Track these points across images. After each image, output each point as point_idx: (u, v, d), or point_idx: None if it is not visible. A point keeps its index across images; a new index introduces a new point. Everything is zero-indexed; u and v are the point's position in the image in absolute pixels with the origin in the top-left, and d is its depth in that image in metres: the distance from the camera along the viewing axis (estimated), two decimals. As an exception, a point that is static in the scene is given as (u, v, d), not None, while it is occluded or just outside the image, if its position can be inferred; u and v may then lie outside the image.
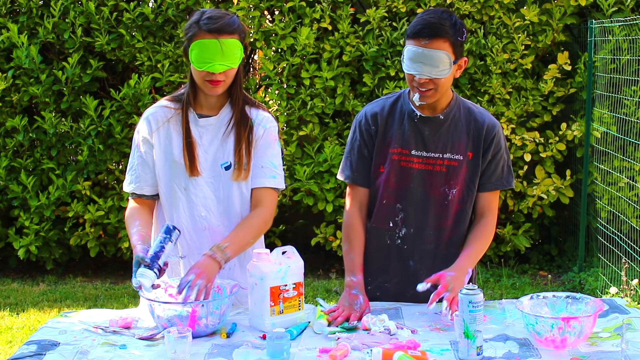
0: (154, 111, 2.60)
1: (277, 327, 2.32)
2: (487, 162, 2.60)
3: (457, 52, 2.48)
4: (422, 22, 2.46)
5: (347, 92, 5.63)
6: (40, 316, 5.05)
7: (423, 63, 2.44)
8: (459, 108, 2.61)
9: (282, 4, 5.65)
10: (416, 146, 2.59)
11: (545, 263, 6.02)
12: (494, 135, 2.59)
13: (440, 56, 2.43)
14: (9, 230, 5.86)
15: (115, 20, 5.70)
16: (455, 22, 2.47)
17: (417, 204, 2.61)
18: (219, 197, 2.58)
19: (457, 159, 2.58)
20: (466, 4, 5.53)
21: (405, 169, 2.60)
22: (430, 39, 2.43)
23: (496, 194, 2.67)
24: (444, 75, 2.46)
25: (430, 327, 2.39)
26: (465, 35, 2.50)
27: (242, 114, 2.57)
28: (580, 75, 5.52)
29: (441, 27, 2.43)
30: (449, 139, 2.58)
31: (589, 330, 2.19)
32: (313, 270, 5.93)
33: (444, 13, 2.49)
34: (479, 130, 2.59)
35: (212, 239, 2.55)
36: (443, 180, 2.59)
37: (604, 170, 5.31)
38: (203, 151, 2.56)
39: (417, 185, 2.60)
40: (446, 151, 2.58)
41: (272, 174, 2.60)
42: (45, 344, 2.28)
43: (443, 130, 2.58)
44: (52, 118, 5.63)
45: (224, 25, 2.45)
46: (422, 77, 2.46)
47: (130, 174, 2.61)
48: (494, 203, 2.66)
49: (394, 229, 2.64)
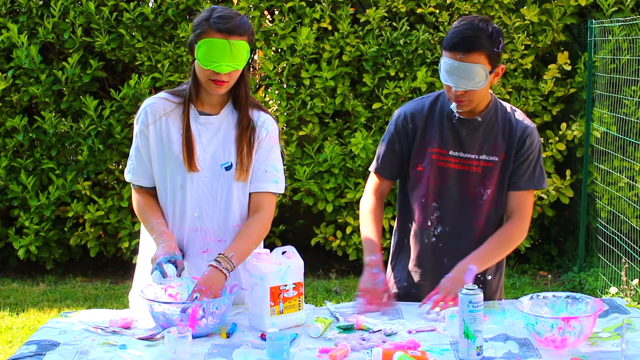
0: (154, 102, 2.55)
1: (277, 327, 2.33)
2: (520, 162, 2.62)
3: (494, 63, 2.49)
4: (459, 34, 2.47)
5: (347, 92, 5.63)
6: (40, 316, 5.05)
7: (459, 76, 2.47)
8: (496, 110, 2.64)
9: (282, 4, 5.65)
10: (454, 147, 2.63)
11: (545, 263, 6.03)
12: (527, 135, 2.61)
13: (476, 69, 2.46)
14: (9, 230, 5.86)
15: (115, 20, 5.70)
16: (492, 33, 2.47)
17: (453, 203, 2.65)
18: (216, 198, 2.54)
19: (492, 160, 2.61)
20: (466, 4, 5.53)
21: (443, 169, 2.64)
22: (465, 53, 2.45)
23: (528, 195, 2.66)
24: (480, 87, 2.49)
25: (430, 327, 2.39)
26: (502, 45, 2.51)
27: (247, 115, 2.55)
28: (580, 75, 5.52)
29: (477, 41, 2.45)
30: (485, 140, 2.61)
31: (589, 330, 2.19)
32: (313, 270, 5.93)
33: (481, 22, 2.49)
34: (513, 132, 2.61)
35: (203, 241, 2.54)
36: (478, 180, 2.62)
37: (604, 170, 5.31)
38: (201, 149, 2.52)
39: (453, 185, 2.63)
40: (482, 152, 2.61)
41: (275, 178, 2.58)
42: (45, 344, 2.28)
43: (480, 132, 2.61)
44: (52, 118, 5.63)
45: (235, 27, 2.42)
46: (458, 90, 2.49)
47: (129, 163, 2.60)
48: (526, 203, 2.66)
49: (430, 227, 2.68)
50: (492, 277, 2.72)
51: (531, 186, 2.64)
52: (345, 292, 5.42)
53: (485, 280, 2.71)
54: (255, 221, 2.55)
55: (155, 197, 2.60)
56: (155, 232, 2.51)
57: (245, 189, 2.57)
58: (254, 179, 2.56)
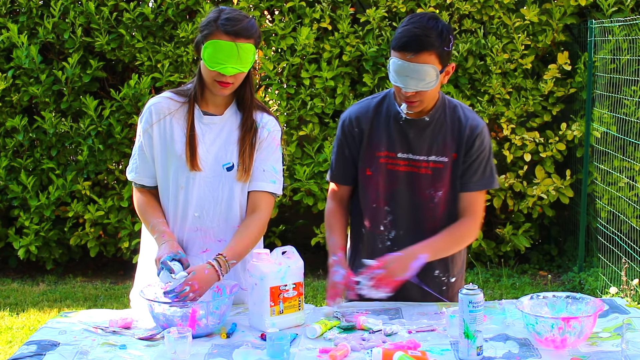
0: (158, 101, 2.56)
1: (277, 327, 2.33)
2: (470, 162, 2.55)
3: (444, 62, 2.42)
4: (408, 34, 2.39)
5: (347, 92, 5.63)
6: (40, 316, 5.05)
7: (409, 77, 2.40)
8: (444, 108, 2.57)
9: (282, 4, 5.65)
10: (402, 148, 2.57)
11: (545, 263, 6.02)
12: (477, 134, 2.54)
13: (427, 70, 2.39)
14: (9, 230, 5.86)
15: (115, 20, 5.70)
16: (442, 31, 2.39)
17: (405, 206, 2.59)
18: (217, 198, 2.54)
19: (442, 161, 2.55)
20: (466, 4, 5.53)
21: (392, 172, 2.58)
22: (416, 53, 2.38)
23: (479, 195, 2.60)
24: (431, 87, 2.42)
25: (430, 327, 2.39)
26: (452, 43, 2.44)
27: (251, 117, 2.55)
28: (580, 75, 5.52)
29: (426, 40, 2.37)
30: (434, 140, 2.55)
31: (589, 330, 2.19)
32: (313, 270, 5.93)
33: (430, 21, 2.41)
34: (462, 130, 2.54)
35: (203, 241, 2.54)
36: (429, 182, 2.56)
37: (604, 170, 5.31)
38: (204, 149, 2.53)
39: (404, 188, 2.58)
40: (431, 153, 2.55)
41: (273, 178, 2.58)
42: (45, 344, 2.28)
43: (428, 132, 2.55)
44: (52, 118, 5.63)
45: (243, 29, 2.42)
46: (408, 91, 2.43)
47: (132, 163, 2.61)
48: (476, 204, 2.59)
49: (384, 232, 2.63)
50: (455, 279, 2.69)
51: (481, 187, 2.58)
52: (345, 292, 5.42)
53: (448, 282, 2.67)
54: (252, 221, 2.55)
55: (157, 197, 2.60)
56: (156, 232, 2.51)
57: (246, 190, 2.58)
58: (252, 177, 2.57)
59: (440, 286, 2.66)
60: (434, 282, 2.65)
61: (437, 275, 2.65)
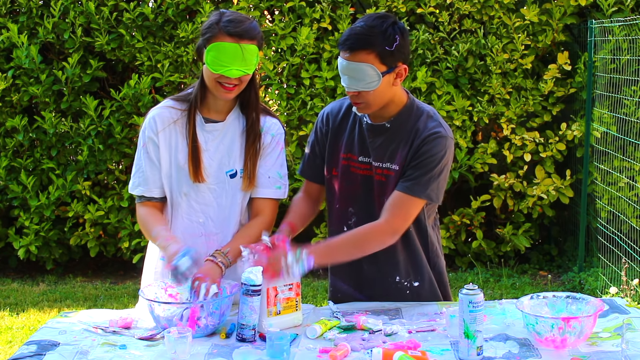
0: (160, 111, 2.53)
1: (275, 327, 2.32)
2: (410, 166, 2.43)
3: (388, 62, 2.34)
4: (349, 32, 2.36)
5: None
6: (40, 316, 5.05)
7: (349, 76, 2.36)
8: (409, 116, 2.47)
9: (282, 4, 5.65)
10: (361, 152, 2.54)
11: (545, 263, 6.02)
12: (426, 142, 2.40)
13: (364, 69, 2.33)
14: (9, 230, 5.86)
15: (115, 20, 5.70)
16: (386, 30, 2.32)
17: (365, 209, 2.57)
18: (221, 205, 2.54)
19: (393, 169, 2.48)
20: (466, 4, 5.53)
21: (353, 175, 2.56)
22: (352, 52, 2.33)
23: (405, 199, 2.41)
24: (372, 88, 2.35)
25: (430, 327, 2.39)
26: (397, 43, 2.34)
27: (255, 122, 2.53)
28: (580, 75, 5.52)
29: (364, 39, 2.32)
30: (388, 147, 2.48)
31: (589, 330, 2.19)
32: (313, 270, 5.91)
33: (377, 19, 2.35)
34: (415, 140, 2.43)
35: (207, 245, 2.53)
36: (382, 189, 2.50)
37: (604, 170, 5.31)
38: (208, 157, 2.52)
39: (362, 191, 2.55)
40: (384, 160, 2.49)
41: (278, 184, 2.59)
42: (45, 344, 2.28)
43: (385, 139, 2.48)
44: (52, 118, 5.63)
45: (246, 30, 2.39)
46: (349, 90, 2.40)
47: (137, 176, 2.54)
48: (399, 208, 2.42)
49: (342, 229, 2.61)
50: (419, 283, 2.61)
51: (408, 191, 2.40)
52: (345, 292, 5.42)
53: (411, 286, 2.61)
54: (254, 224, 2.55)
55: (161, 209, 2.57)
56: (160, 238, 2.46)
57: (249, 195, 2.58)
58: (257, 184, 2.57)
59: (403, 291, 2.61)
60: (396, 288, 2.61)
61: (398, 281, 2.60)
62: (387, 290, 2.60)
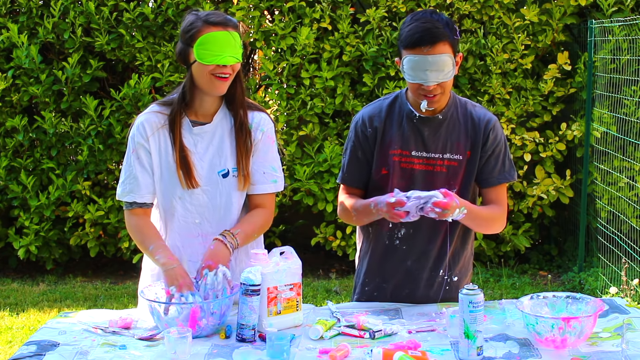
0: (148, 117, 2.52)
1: (275, 327, 2.33)
2: (487, 157, 2.59)
3: (455, 50, 2.48)
4: (418, 29, 2.43)
5: (347, 92, 5.63)
6: (40, 316, 5.05)
7: (429, 70, 2.43)
8: (456, 107, 2.60)
9: (282, 4, 5.65)
10: (416, 147, 2.58)
11: (545, 263, 6.02)
12: (491, 129, 2.57)
13: (445, 60, 2.43)
14: (9, 230, 5.86)
15: (115, 20, 5.70)
16: (447, 22, 2.46)
17: None
18: (216, 205, 2.54)
19: (456, 159, 2.57)
20: (466, 4, 5.53)
21: (406, 170, 2.59)
22: (432, 45, 2.42)
23: (502, 188, 2.62)
24: (450, 77, 2.47)
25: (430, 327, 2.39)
26: (458, 31, 2.51)
27: (243, 118, 2.53)
28: (580, 75, 5.52)
29: (438, 31, 2.42)
30: (448, 138, 2.57)
31: (589, 330, 2.19)
32: (313, 270, 5.92)
33: (433, 15, 2.47)
34: (476, 127, 2.57)
35: (204, 246, 2.52)
36: (444, 180, 2.57)
37: (604, 170, 5.31)
38: (198, 159, 2.52)
39: (418, 186, 2.56)
40: (446, 151, 2.57)
41: (273, 178, 2.59)
42: (45, 344, 2.28)
43: (442, 130, 2.57)
44: (52, 118, 5.63)
45: (228, 19, 2.45)
46: (430, 85, 2.45)
47: (127, 183, 2.52)
48: (501, 197, 2.62)
49: (393, 230, 2.63)
50: (457, 278, 2.68)
51: (503, 180, 2.60)
52: (345, 292, 5.42)
53: (451, 281, 2.66)
54: (255, 213, 2.58)
55: (150, 215, 2.57)
56: (158, 254, 2.45)
57: (244, 192, 2.58)
58: (253, 181, 2.57)
59: (442, 286, 2.66)
60: (437, 282, 2.65)
61: (441, 275, 2.65)
62: (430, 286, 2.64)
